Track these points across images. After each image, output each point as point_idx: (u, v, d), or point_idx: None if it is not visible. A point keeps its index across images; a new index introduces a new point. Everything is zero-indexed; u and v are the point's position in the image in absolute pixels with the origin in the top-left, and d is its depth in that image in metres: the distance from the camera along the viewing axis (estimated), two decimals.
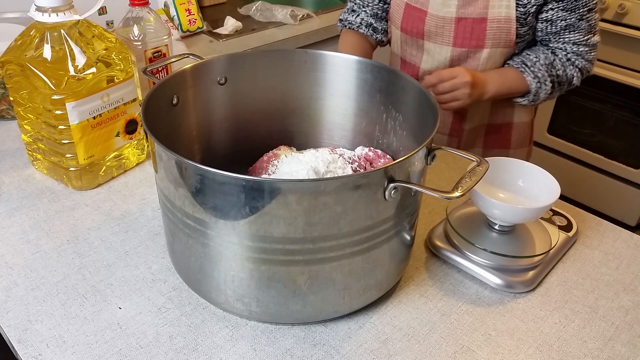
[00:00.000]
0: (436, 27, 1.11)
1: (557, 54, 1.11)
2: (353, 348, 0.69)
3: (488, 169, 0.65)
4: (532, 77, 1.10)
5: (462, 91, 1.05)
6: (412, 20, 1.14)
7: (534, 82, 1.10)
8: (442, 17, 1.10)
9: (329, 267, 0.64)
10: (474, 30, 1.09)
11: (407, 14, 1.15)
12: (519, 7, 1.06)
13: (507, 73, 1.12)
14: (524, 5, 1.06)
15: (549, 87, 1.11)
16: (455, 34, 1.11)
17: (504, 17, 1.07)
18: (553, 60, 1.11)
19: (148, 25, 1.07)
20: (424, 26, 1.13)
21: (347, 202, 0.60)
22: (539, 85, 1.10)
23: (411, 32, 1.15)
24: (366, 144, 0.89)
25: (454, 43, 1.12)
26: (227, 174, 0.57)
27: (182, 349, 0.68)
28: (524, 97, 1.14)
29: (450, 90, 1.05)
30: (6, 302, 0.73)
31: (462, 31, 1.10)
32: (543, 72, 1.10)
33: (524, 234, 0.84)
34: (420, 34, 1.14)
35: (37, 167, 1.00)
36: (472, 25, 1.09)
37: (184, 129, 0.82)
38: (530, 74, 1.10)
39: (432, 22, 1.11)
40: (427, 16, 1.12)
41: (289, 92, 0.89)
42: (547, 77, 1.10)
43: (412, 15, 1.14)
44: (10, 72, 0.89)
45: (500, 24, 1.08)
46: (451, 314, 0.74)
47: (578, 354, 0.69)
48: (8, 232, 0.85)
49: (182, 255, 0.71)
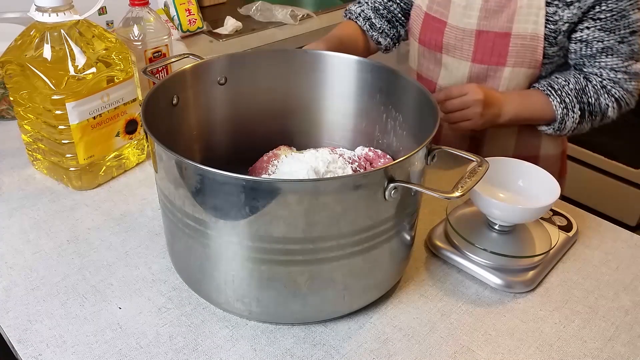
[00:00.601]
0: (455, 39, 1.03)
1: (591, 79, 0.99)
2: (353, 348, 0.69)
3: (488, 169, 0.65)
4: (558, 102, 0.98)
5: (473, 110, 0.95)
6: (431, 32, 1.06)
7: (559, 107, 0.98)
8: (462, 29, 1.02)
9: (329, 267, 0.64)
10: (495, 46, 1.00)
11: (425, 24, 1.07)
12: (548, 24, 0.96)
13: (531, 95, 1.01)
14: (555, 22, 0.96)
15: (577, 115, 0.99)
16: (475, 48, 1.02)
17: (530, 33, 0.97)
18: (585, 86, 0.99)
19: (148, 25, 1.07)
20: (442, 38, 1.05)
21: (347, 202, 0.60)
22: (565, 112, 0.99)
23: (429, 44, 1.08)
24: (366, 144, 0.89)
25: (473, 58, 1.03)
26: (227, 174, 0.57)
27: (182, 349, 0.68)
28: (549, 125, 1.02)
29: (460, 108, 0.96)
30: (6, 302, 0.73)
31: (483, 46, 1.01)
32: (572, 97, 0.98)
33: (524, 234, 0.84)
34: (438, 47, 1.06)
35: (37, 167, 1.00)
36: (493, 39, 1.00)
37: (184, 129, 0.82)
38: (556, 98, 0.98)
39: (451, 33, 1.03)
40: (446, 27, 1.04)
41: (289, 92, 0.89)
42: (575, 104, 0.98)
43: (431, 25, 1.06)
44: (10, 72, 0.89)
45: (525, 40, 0.98)
46: (451, 314, 0.74)
47: (578, 354, 0.69)
48: (8, 232, 0.85)
49: (182, 255, 0.71)
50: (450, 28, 1.03)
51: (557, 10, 0.96)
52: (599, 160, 2.20)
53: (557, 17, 0.96)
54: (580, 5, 0.94)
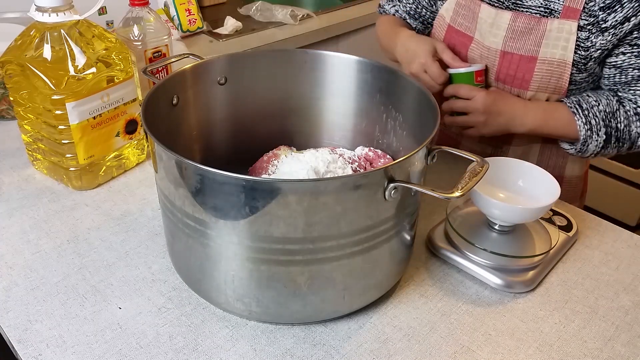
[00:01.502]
0: (480, 57, 1.00)
1: (625, 104, 0.94)
2: (353, 348, 0.69)
3: (488, 169, 0.65)
4: (582, 122, 0.94)
5: (474, 118, 0.95)
6: (454, 45, 1.03)
7: (584, 128, 0.94)
8: (487, 47, 0.98)
9: (329, 267, 0.64)
10: (519, 69, 0.96)
11: (449, 36, 1.05)
12: (579, 50, 0.91)
13: (556, 111, 0.96)
14: (587, 48, 0.91)
15: (601, 139, 0.94)
16: (498, 68, 0.98)
17: (557, 59, 0.93)
18: (617, 109, 0.94)
19: (148, 25, 1.07)
20: (467, 53, 1.02)
21: (347, 202, 0.60)
22: (589, 133, 0.94)
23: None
24: (366, 144, 0.89)
25: (497, 77, 1.00)
26: (227, 174, 0.57)
27: (182, 349, 0.68)
28: (572, 144, 0.98)
29: (462, 111, 0.96)
30: (6, 302, 0.73)
31: (507, 67, 0.97)
32: (599, 119, 0.93)
33: (524, 234, 0.84)
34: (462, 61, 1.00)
35: (37, 167, 1.00)
36: (518, 62, 0.96)
37: (184, 129, 0.82)
38: (581, 117, 0.94)
39: (476, 50, 1.00)
40: (472, 43, 1.01)
41: (289, 92, 0.89)
42: (602, 127, 0.94)
43: (455, 39, 1.04)
44: (10, 72, 0.89)
45: (552, 66, 0.93)
46: (451, 314, 0.74)
47: (578, 354, 0.69)
48: (8, 232, 0.85)
49: (182, 255, 0.71)
50: (476, 44, 1.01)
51: (590, 36, 0.91)
52: (599, 160, 2.20)
53: (590, 44, 0.91)
54: (616, 32, 0.89)
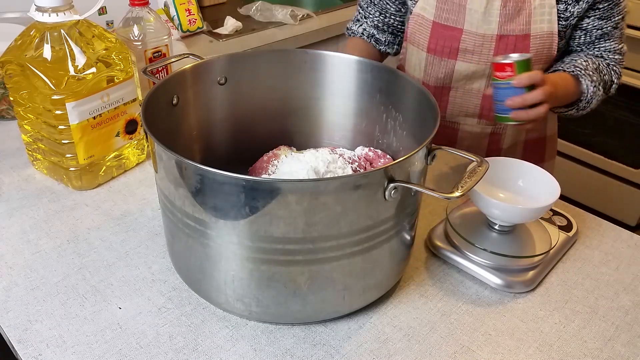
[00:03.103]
0: (474, 45, 1.04)
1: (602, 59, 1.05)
2: (353, 348, 0.69)
3: (488, 169, 0.65)
4: (589, 82, 1.01)
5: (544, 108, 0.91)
6: (444, 39, 1.06)
7: (591, 86, 1.02)
8: (481, 35, 1.03)
9: (329, 267, 0.64)
10: (516, 48, 1.02)
11: (436, 33, 1.06)
12: (561, 21, 1.01)
13: (566, 79, 1.02)
14: (566, 18, 1.01)
15: (600, 92, 1.04)
16: (495, 52, 1.03)
17: (546, 32, 1.01)
18: (599, 65, 1.04)
19: (148, 25, 1.07)
20: (458, 45, 1.05)
21: (347, 202, 0.60)
22: (594, 90, 1.02)
23: (441, 52, 1.07)
24: (366, 144, 0.89)
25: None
26: (227, 174, 0.57)
27: (182, 349, 0.68)
28: (571, 106, 1.06)
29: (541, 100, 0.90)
30: (6, 302, 0.73)
31: (504, 49, 1.03)
32: (596, 77, 1.02)
33: (524, 234, 0.84)
34: (453, 54, 1.06)
35: (37, 167, 1.00)
36: (514, 42, 1.02)
37: (184, 129, 0.82)
38: (586, 77, 1.01)
39: (469, 40, 1.04)
40: (462, 34, 1.04)
41: (289, 92, 0.89)
42: (599, 82, 1.03)
43: (443, 34, 1.06)
44: (10, 72, 0.89)
45: (543, 39, 1.02)
46: (451, 314, 0.74)
47: (578, 354, 0.69)
48: (8, 232, 0.85)
49: (182, 255, 0.71)
50: (468, 34, 1.04)
51: (568, 6, 1.01)
52: (599, 160, 2.20)
53: (569, 14, 1.00)
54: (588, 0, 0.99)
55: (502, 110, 0.93)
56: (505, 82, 0.91)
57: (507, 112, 0.92)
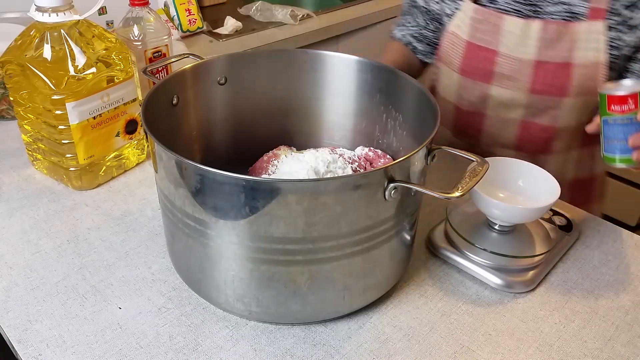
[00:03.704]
0: (510, 69, 0.96)
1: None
2: (353, 348, 0.69)
3: (488, 169, 0.65)
4: None
5: None
6: (478, 61, 0.99)
7: None
8: (518, 59, 0.95)
9: (329, 267, 0.64)
10: (556, 77, 0.93)
11: (470, 54, 0.99)
12: (611, 50, 0.91)
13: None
14: (619, 47, 0.90)
15: None
16: (533, 79, 0.95)
17: (592, 61, 0.91)
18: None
19: (148, 25, 1.07)
20: (493, 68, 0.97)
21: (347, 202, 0.60)
22: None
23: (475, 74, 1.00)
24: (366, 144, 0.89)
25: (532, 89, 0.96)
26: (227, 174, 0.57)
27: (182, 349, 0.68)
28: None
29: None
30: (6, 302, 0.73)
31: (543, 77, 0.94)
32: None
33: (524, 234, 0.84)
34: (487, 77, 0.98)
35: (37, 167, 1.00)
36: (554, 71, 0.93)
37: (184, 129, 0.82)
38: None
39: (505, 63, 0.96)
40: (498, 56, 0.96)
41: (289, 92, 0.89)
42: None
43: (477, 55, 0.98)
44: (10, 72, 0.89)
45: (587, 69, 0.92)
46: (451, 314, 0.74)
47: (578, 354, 0.69)
48: (8, 232, 0.85)
49: (182, 255, 0.71)
50: (503, 57, 0.97)
51: (621, 35, 0.91)
52: None
53: (622, 43, 0.91)
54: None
55: (619, 150, 0.80)
56: (627, 117, 0.78)
57: (627, 152, 0.79)
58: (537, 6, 0.95)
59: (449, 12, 1.04)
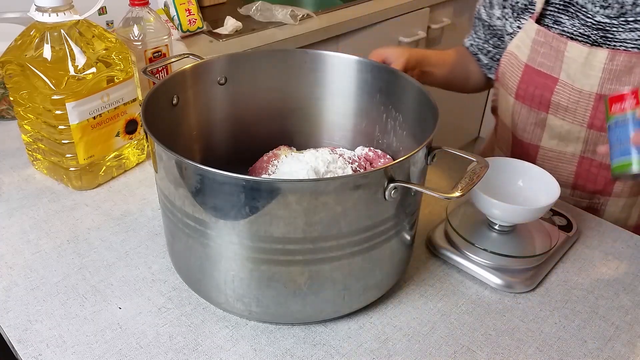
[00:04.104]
0: (569, 100, 0.89)
1: None
2: (353, 348, 0.69)
3: (488, 169, 0.65)
4: None
5: None
6: (535, 87, 0.92)
7: None
8: (578, 90, 0.87)
9: (329, 267, 0.64)
10: None
11: (527, 77, 0.92)
12: None
13: None
14: None
15: None
16: (593, 113, 0.88)
17: None
18: None
19: (148, 25, 1.07)
20: (551, 96, 0.90)
21: (347, 202, 0.60)
22: None
23: (531, 101, 0.93)
24: (366, 144, 0.89)
25: (590, 124, 0.89)
26: (227, 174, 0.57)
27: (182, 349, 0.68)
28: None
29: None
30: (6, 302, 0.73)
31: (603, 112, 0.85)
32: None
33: (524, 234, 0.84)
34: (544, 106, 0.91)
35: (37, 167, 1.00)
36: None
37: (184, 129, 0.82)
38: None
39: (564, 93, 0.89)
40: (557, 85, 0.89)
41: (289, 92, 0.89)
42: None
43: (535, 80, 0.91)
44: (10, 72, 0.89)
45: None
46: (451, 314, 0.74)
47: (578, 354, 0.69)
48: (8, 232, 0.85)
49: (182, 255, 0.71)
50: (563, 86, 0.89)
51: None
52: None
53: None
54: None
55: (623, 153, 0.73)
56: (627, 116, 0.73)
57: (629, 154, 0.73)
58: (607, 32, 0.86)
59: (510, 31, 0.98)
